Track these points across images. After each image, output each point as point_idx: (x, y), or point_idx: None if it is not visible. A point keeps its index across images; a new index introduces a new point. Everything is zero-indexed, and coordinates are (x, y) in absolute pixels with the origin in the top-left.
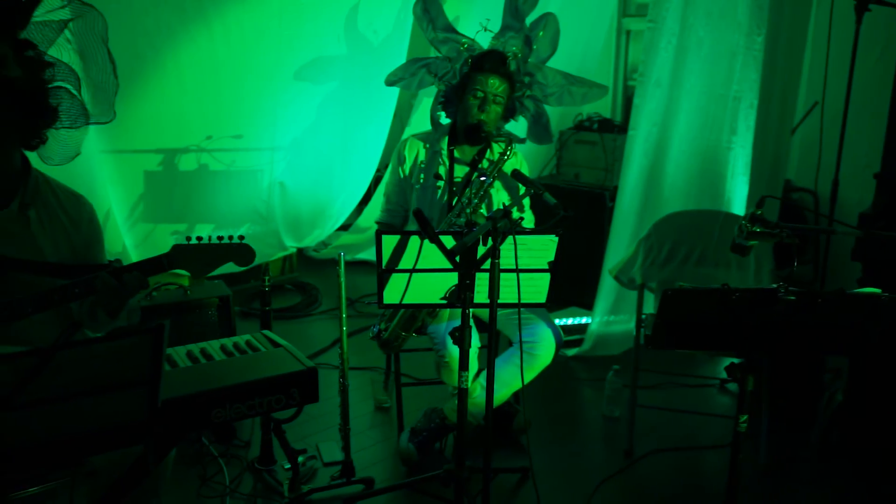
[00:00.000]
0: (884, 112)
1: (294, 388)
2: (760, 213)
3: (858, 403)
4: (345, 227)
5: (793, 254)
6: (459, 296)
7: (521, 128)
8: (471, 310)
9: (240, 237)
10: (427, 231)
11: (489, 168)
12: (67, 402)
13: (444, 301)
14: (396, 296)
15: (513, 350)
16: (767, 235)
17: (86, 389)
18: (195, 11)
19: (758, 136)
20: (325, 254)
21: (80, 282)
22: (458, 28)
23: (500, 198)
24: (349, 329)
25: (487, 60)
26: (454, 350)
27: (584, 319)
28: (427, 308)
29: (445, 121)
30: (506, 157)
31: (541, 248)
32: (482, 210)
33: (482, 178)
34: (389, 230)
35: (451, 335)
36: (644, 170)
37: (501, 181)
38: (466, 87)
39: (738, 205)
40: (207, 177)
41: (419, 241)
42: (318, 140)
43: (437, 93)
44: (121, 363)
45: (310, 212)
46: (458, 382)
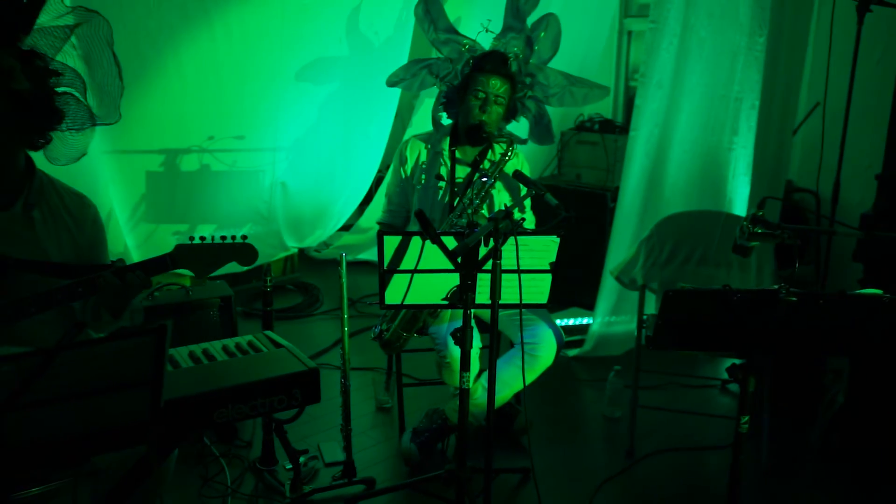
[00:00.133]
0: (885, 113)
1: (296, 389)
2: (762, 214)
3: (859, 405)
4: (346, 228)
5: (794, 255)
6: (461, 296)
7: (523, 128)
8: (472, 310)
9: (242, 237)
10: (429, 232)
11: (490, 169)
12: (70, 403)
13: (446, 302)
14: (398, 296)
15: (514, 351)
16: (769, 236)
17: (89, 390)
18: (197, 12)
19: (759, 137)
20: (327, 254)
21: (83, 281)
22: (460, 29)
23: (502, 198)
24: (350, 329)
25: (489, 61)
26: (455, 351)
27: (586, 320)
28: (428, 309)
29: (447, 121)
30: (507, 158)
31: (542, 249)
32: (483, 211)
33: (483, 179)
34: (391, 231)
35: (453, 336)
36: (645, 170)
37: (503, 182)
38: (468, 88)
39: (740, 205)
40: (209, 177)
41: (421, 242)
42: (320, 140)
43: (439, 94)
44: (123, 364)
45: (311, 212)
46: (460, 383)
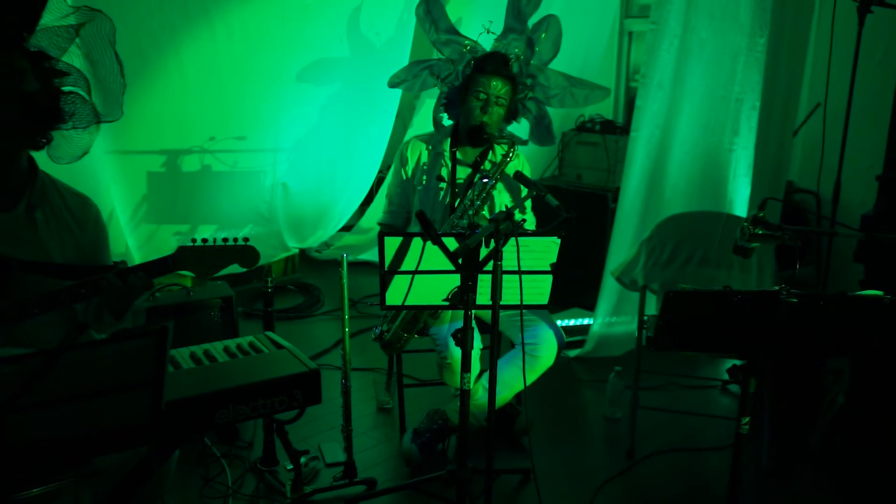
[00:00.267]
0: (886, 114)
1: (297, 390)
2: (762, 216)
3: (860, 406)
4: (347, 228)
5: (795, 256)
6: (462, 297)
7: (523, 129)
8: (473, 311)
9: (244, 239)
10: (429, 233)
11: (491, 170)
12: (72, 404)
13: (447, 303)
14: (399, 297)
15: (515, 351)
16: (769, 238)
17: (90, 391)
18: (198, 12)
19: (760, 138)
20: (328, 254)
21: (86, 282)
22: (461, 30)
23: (503, 199)
24: (351, 330)
25: (490, 62)
26: (456, 351)
27: (586, 320)
28: (429, 310)
29: (448, 122)
30: (508, 159)
31: (543, 250)
32: (484, 212)
33: (484, 181)
34: (392, 232)
35: (454, 336)
36: (646, 171)
37: (504, 183)
38: (469, 89)
39: (741, 206)
40: (210, 178)
41: (421, 243)
42: (321, 141)
43: (440, 94)
44: (125, 365)
45: (312, 213)
46: (461, 384)
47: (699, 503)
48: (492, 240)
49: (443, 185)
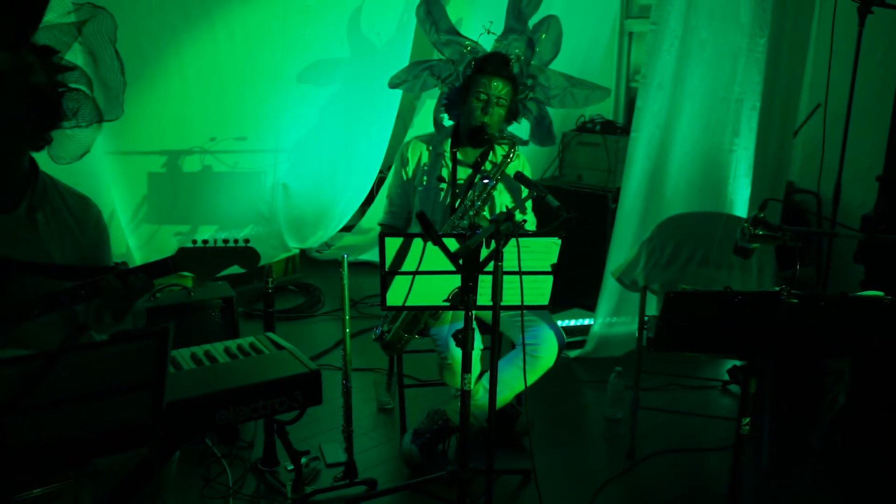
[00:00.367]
0: (886, 114)
1: (297, 391)
2: (763, 216)
3: (860, 406)
4: (348, 229)
5: (795, 256)
6: (462, 298)
7: (523, 130)
8: (473, 312)
9: (245, 240)
10: (430, 233)
11: (492, 170)
12: (73, 405)
13: (447, 303)
14: (399, 298)
15: (515, 352)
16: (770, 238)
17: (91, 392)
18: (199, 14)
19: (760, 138)
20: (328, 255)
21: (86, 284)
22: (461, 30)
23: (503, 200)
24: (352, 330)
25: (490, 63)
26: (457, 352)
27: (587, 321)
28: (430, 310)
29: (448, 123)
30: (509, 160)
31: (543, 251)
32: (485, 213)
33: (485, 181)
34: (392, 232)
35: (454, 337)
36: (646, 172)
37: (504, 183)
38: (469, 90)
39: (741, 207)
40: (211, 178)
41: (422, 244)
42: (321, 142)
43: (440, 95)
44: (126, 366)
45: (313, 213)
46: (461, 384)
47: (699, 503)
48: (492, 240)
49: (443, 186)
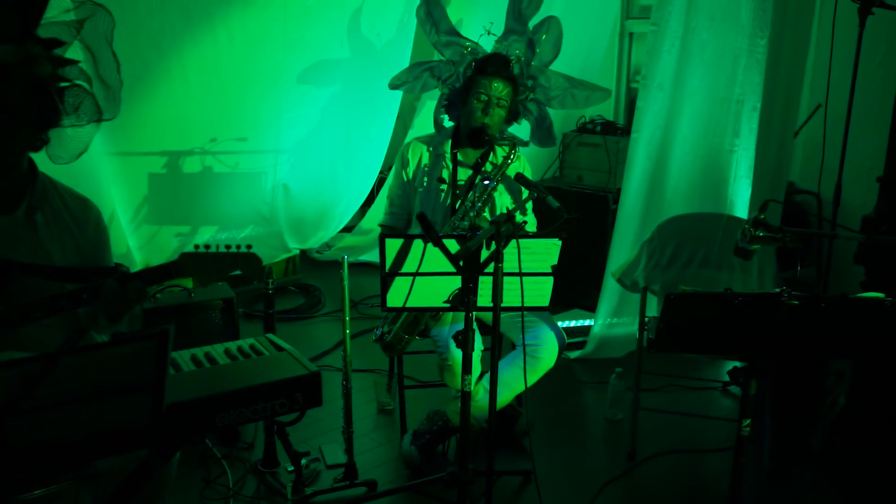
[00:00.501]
0: (887, 115)
1: (297, 393)
2: (763, 218)
3: (861, 407)
4: (348, 229)
5: (796, 258)
6: (463, 299)
7: (523, 130)
8: (474, 313)
9: (247, 246)
10: (430, 235)
11: (493, 172)
12: (73, 407)
13: (448, 304)
14: (400, 299)
15: (515, 353)
16: (770, 240)
17: (91, 394)
18: (200, 15)
19: (761, 139)
20: (329, 255)
21: (88, 287)
22: (461, 31)
23: (503, 201)
24: (352, 331)
25: (491, 63)
26: (457, 353)
27: (587, 322)
28: (430, 311)
29: (449, 124)
30: (510, 161)
31: (544, 252)
32: (485, 214)
33: (485, 182)
34: (393, 234)
35: (455, 338)
36: (647, 172)
37: (504, 184)
38: (470, 91)
39: (741, 207)
40: (211, 179)
41: (422, 245)
42: (322, 142)
43: (441, 96)
44: (126, 368)
45: (313, 214)
46: (461, 385)
47: None
48: (493, 242)
49: (444, 187)
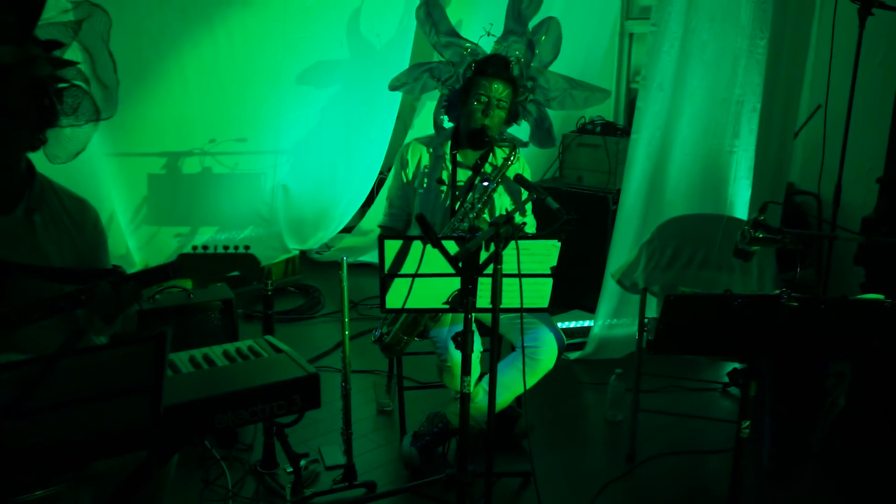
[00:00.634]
0: (887, 116)
1: (296, 394)
2: (763, 219)
3: (861, 408)
4: (348, 230)
5: (796, 259)
6: (462, 300)
7: (522, 131)
8: (473, 314)
9: (245, 246)
10: (429, 236)
11: (493, 173)
12: (71, 408)
13: (447, 306)
14: (399, 300)
15: (515, 354)
16: (770, 241)
17: (89, 396)
18: (199, 15)
19: (760, 140)
20: (328, 256)
21: (86, 289)
22: (461, 32)
23: (503, 202)
24: (352, 332)
25: (491, 65)
26: (456, 354)
27: (587, 322)
28: (430, 313)
29: (448, 125)
30: (510, 163)
31: (543, 253)
32: (485, 215)
33: (485, 184)
34: (392, 235)
35: (454, 339)
36: (647, 173)
37: (504, 185)
38: (470, 92)
39: (741, 208)
40: (211, 180)
41: (422, 246)
42: (321, 143)
43: (440, 97)
44: (123, 370)
45: (313, 214)
46: (461, 387)
47: None
48: (492, 243)
49: (443, 188)
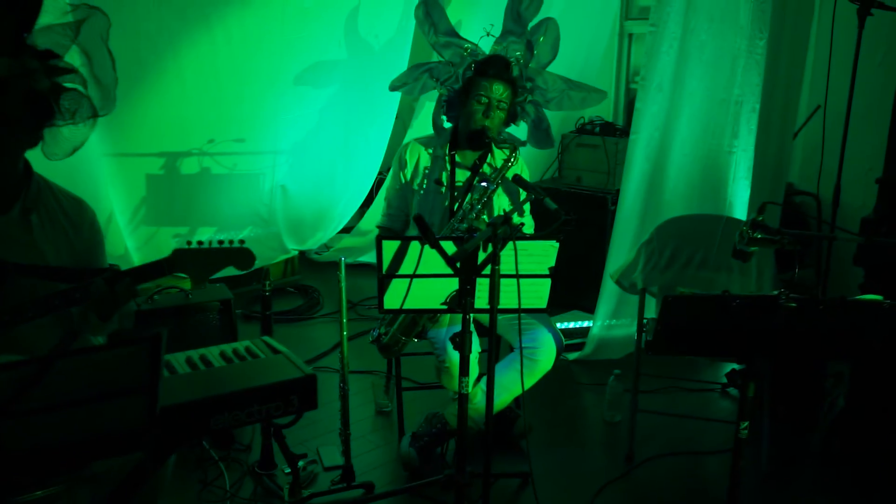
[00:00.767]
0: (886, 116)
1: (293, 396)
2: (762, 219)
3: (860, 409)
4: (347, 230)
5: (794, 260)
6: (460, 301)
7: (519, 131)
8: (471, 315)
9: (240, 241)
10: (427, 237)
11: (493, 175)
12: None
13: (445, 306)
14: (397, 301)
15: (513, 355)
16: (769, 242)
17: (84, 397)
18: (197, 16)
19: (760, 140)
20: (327, 256)
21: (80, 287)
22: (461, 32)
23: (501, 203)
24: (351, 332)
25: (492, 66)
26: (454, 355)
27: (586, 323)
28: (428, 313)
29: (447, 125)
30: (510, 164)
31: (541, 254)
32: (484, 216)
33: (483, 184)
34: (390, 235)
35: (452, 340)
36: (646, 174)
37: (502, 186)
38: (470, 93)
39: (740, 209)
40: (209, 180)
41: (419, 247)
42: (320, 143)
43: (439, 97)
44: (119, 371)
45: (312, 215)
46: (459, 387)
47: None
48: (490, 244)
49: (442, 189)
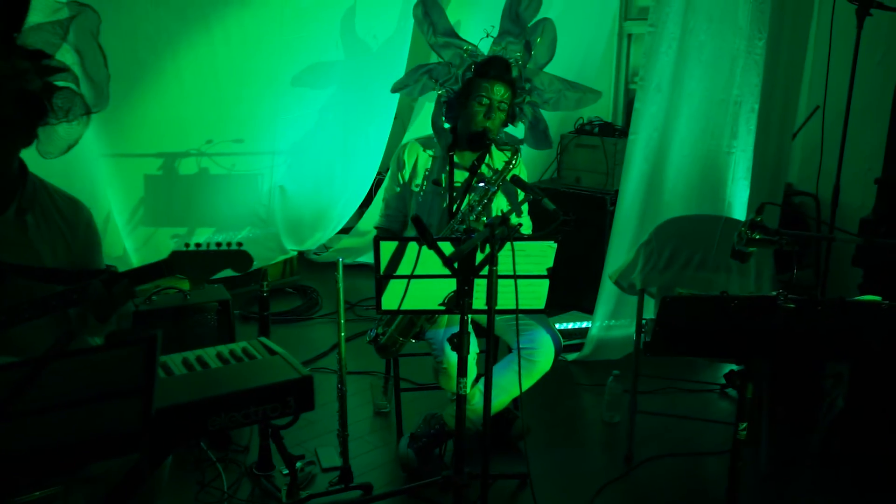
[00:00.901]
0: (885, 116)
1: (289, 397)
2: (760, 220)
3: (859, 409)
4: (346, 231)
5: (793, 260)
6: (458, 302)
7: (517, 132)
8: (469, 316)
9: (238, 244)
10: (425, 238)
11: (494, 177)
12: (61, 411)
13: (443, 307)
14: (395, 302)
15: (512, 356)
16: (767, 242)
17: (79, 398)
18: (195, 16)
19: (759, 141)
20: (326, 257)
21: (77, 288)
22: (460, 33)
23: (499, 203)
24: (349, 333)
25: (493, 67)
26: (453, 356)
27: (585, 324)
28: (426, 314)
29: (446, 126)
30: (511, 166)
31: (539, 255)
32: (483, 218)
33: (481, 185)
34: (387, 236)
35: (450, 341)
36: (645, 174)
37: (501, 188)
38: (470, 94)
39: (739, 209)
40: (208, 181)
41: (417, 248)
42: (319, 144)
43: (438, 98)
44: (114, 372)
45: (310, 215)
46: (457, 388)
47: None
48: (487, 244)
49: (441, 190)
